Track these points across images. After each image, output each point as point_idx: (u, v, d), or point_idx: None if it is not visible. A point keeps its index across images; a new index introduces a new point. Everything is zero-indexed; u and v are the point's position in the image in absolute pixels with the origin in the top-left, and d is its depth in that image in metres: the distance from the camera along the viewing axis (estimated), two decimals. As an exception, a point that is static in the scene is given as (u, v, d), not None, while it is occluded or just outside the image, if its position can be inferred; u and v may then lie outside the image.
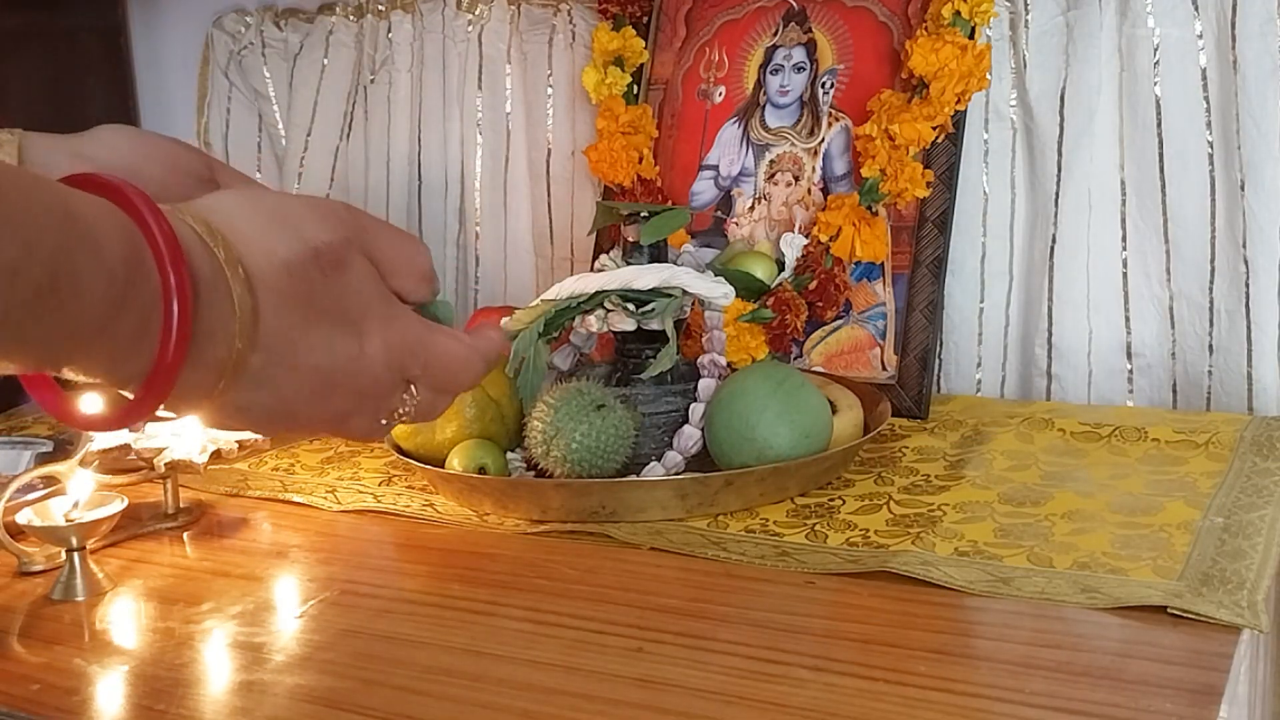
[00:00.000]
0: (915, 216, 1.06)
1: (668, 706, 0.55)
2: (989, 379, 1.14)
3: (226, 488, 0.93)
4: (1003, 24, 1.09)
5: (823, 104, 1.13)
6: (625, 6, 1.22)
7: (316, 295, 0.45)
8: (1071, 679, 0.55)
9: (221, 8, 1.51)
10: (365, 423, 0.50)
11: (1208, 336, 1.04)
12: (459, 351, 0.52)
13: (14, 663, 0.64)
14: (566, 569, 0.74)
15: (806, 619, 0.65)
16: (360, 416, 0.50)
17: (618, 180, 1.19)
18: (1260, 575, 0.65)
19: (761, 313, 1.05)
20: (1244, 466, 0.84)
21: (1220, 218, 1.03)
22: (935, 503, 0.81)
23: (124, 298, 0.39)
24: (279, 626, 0.67)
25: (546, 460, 0.81)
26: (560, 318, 0.90)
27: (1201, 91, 1.02)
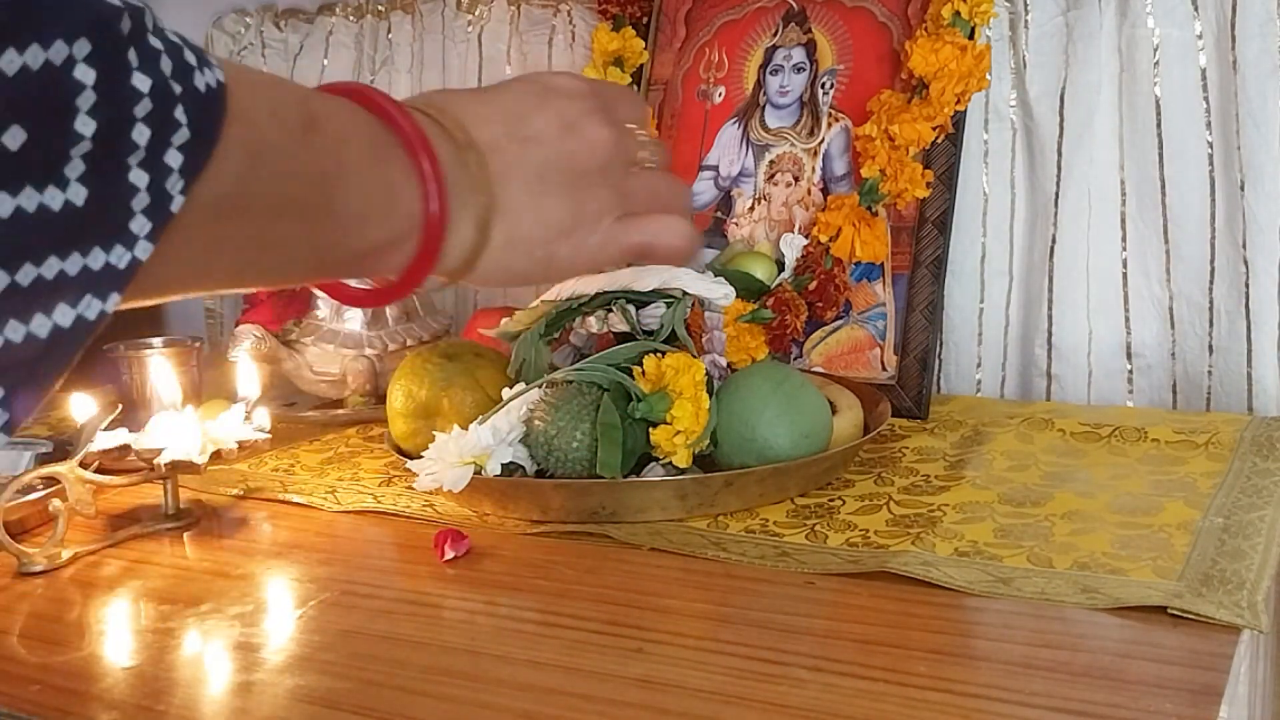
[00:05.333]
0: (915, 217, 1.06)
1: (668, 707, 0.55)
2: (989, 379, 1.14)
3: (226, 488, 0.93)
4: (1002, 24, 1.09)
5: (822, 104, 1.13)
6: (625, 7, 1.22)
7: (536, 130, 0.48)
8: (1071, 679, 0.55)
9: (221, 8, 1.51)
10: (608, 195, 0.50)
11: (1208, 337, 1.04)
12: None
13: (14, 663, 0.64)
14: (566, 569, 0.74)
15: (806, 619, 0.65)
16: (603, 188, 0.50)
17: (618, 180, 1.19)
18: (1260, 575, 0.65)
19: (761, 313, 1.05)
20: (1244, 467, 0.84)
21: (1220, 218, 1.03)
22: (935, 503, 0.81)
23: (375, 166, 0.41)
24: (279, 627, 0.67)
25: (547, 460, 0.81)
26: (561, 319, 0.90)
27: (1201, 91, 1.03)
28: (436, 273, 0.46)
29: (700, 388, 0.80)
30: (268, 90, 0.38)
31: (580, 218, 0.49)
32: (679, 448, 0.79)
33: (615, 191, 0.51)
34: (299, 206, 0.39)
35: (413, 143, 0.43)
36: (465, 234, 0.45)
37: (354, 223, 0.42)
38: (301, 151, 0.39)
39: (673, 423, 0.79)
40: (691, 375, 0.80)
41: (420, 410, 0.91)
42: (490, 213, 0.46)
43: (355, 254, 0.43)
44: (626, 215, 0.51)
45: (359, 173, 0.41)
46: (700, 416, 0.80)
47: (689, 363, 0.81)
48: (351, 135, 0.41)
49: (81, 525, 0.83)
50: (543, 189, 0.48)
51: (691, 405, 0.79)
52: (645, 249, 0.53)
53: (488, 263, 0.47)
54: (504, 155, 0.47)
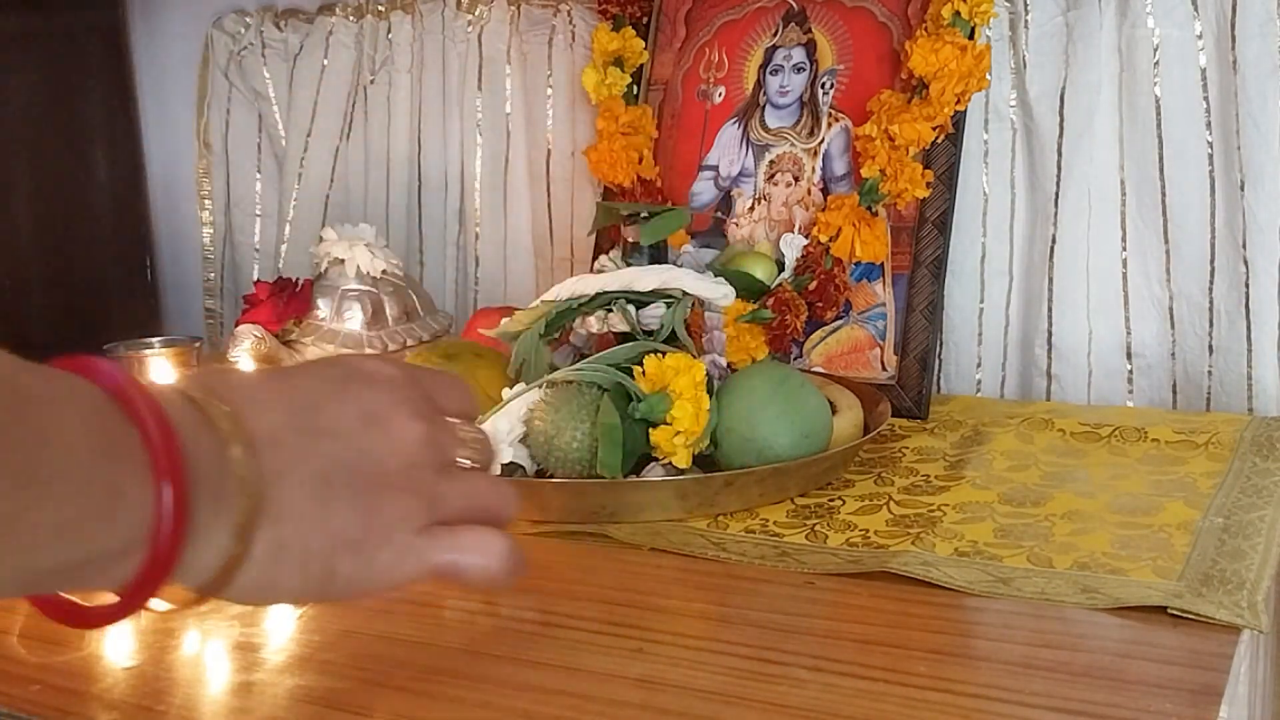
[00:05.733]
0: (915, 217, 1.06)
1: (668, 707, 0.55)
2: (989, 379, 1.14)
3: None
4: (1002, 24, 1.09)
5: (822, 104, 1.13)
6: (625, 7, 1.22)
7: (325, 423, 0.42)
8: (1071, 679, 0.55)
9: (221, 8, 1.51)
10: (410, 501, 0.43)
11: (1208, 337, 1.04)
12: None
13: (14, 663, 0.64)
14: (566, 569, 0.74)
15: (806, 619, 0.65)
16: (404, 493, 0.43)
17: (618, 181, 1.19)
18: (1260, 575, 0.65)
19: (761, 313, 1.05)
20: (1244, 467, 0.84)
21: (1220, 218, 1.03)
22: (935, 503, 0.81)
23: (100, 455, 0.35)
24: (279, 627, 0.67)
25: (547, 460, 0.81)
26: (560, 318, 0.90)
27: (1201, 91, 1.03)
28: (178, 587, 0.39)
29: (700, 388, 0.80)
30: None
31: (370, 528, 0.42)
32: (679, 448, 0.79)
33: (420, 497, 0.44)
34: (6, 508, 0.33)
35: (149, 436, 0.36)
36: (219, 543, 0.38)
37: (57, 534, 0.34)
38: (4, 441, 0.32)
39: (673, 423, 0.79)
40: (692, 376, 0.80)
41: (420, 410, 0.91)
42: (253, 519, 0.39)
43: (56, 569, 0.35)
44: (433, 526, 0.45)
45: (69, 471, 0.34)
46: (700, 417, 0.80)
47: (689, 363, 0.81)
48: (64, 425, 0.34)
49: (81, 525, 0.82)
50: (328, 491, 0.41)
51: (691, 406, 0.79)
52: (450, 569, 0.46)
53: (248, 577, 0.40)
54: (283, 450, 0.40)
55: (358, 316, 1.16)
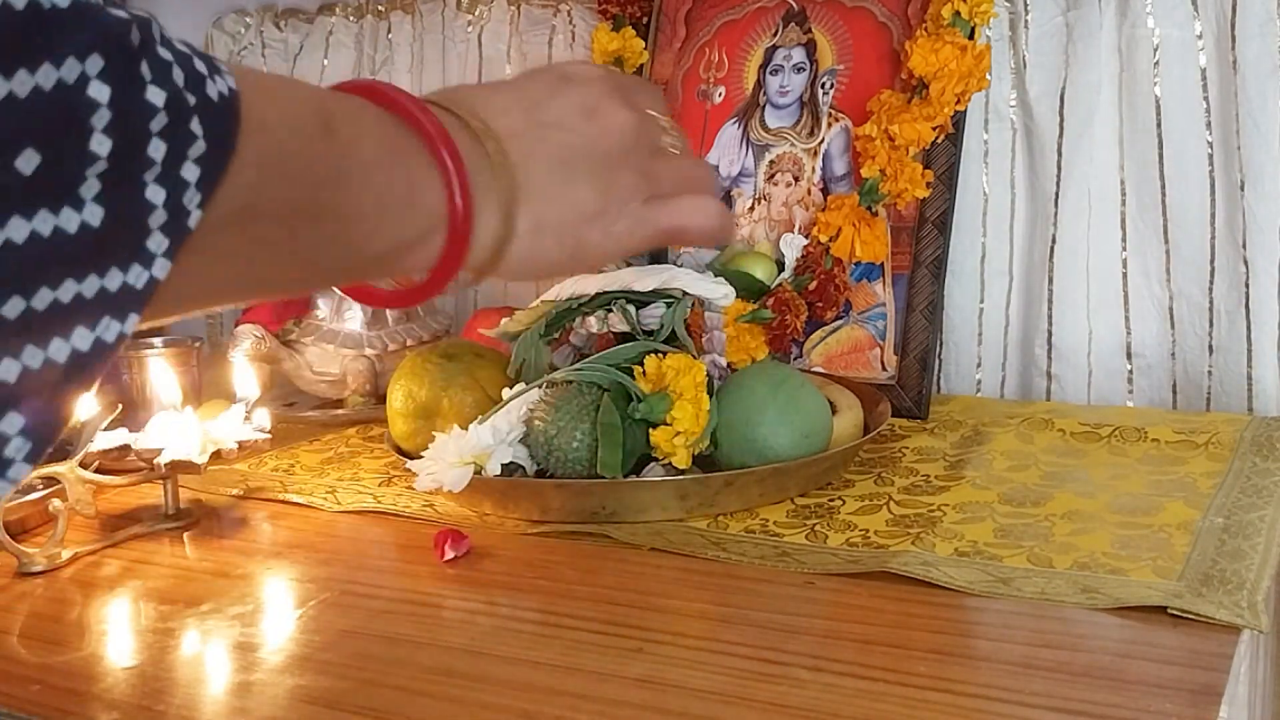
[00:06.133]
0: (915, 217, 1.06)
1: (668, 707, 0.55)
2: (989, 379, 1.14)
3: (226, 488, 0.93)
4: (1003, 24, 1.09)
5: (822, 104, 1.13)
6: (625, 7, 1.22)
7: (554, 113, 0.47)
8: (1071, 679, 0.55)
9: (221, 8, 1.51)
10: (634, 178, 0.49)
11: (1208, 336, 1.04)
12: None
13: (14, 663, 0.64)
14: (566, 569, 0.74)
15: (806, 619, 0.65)
16: (628, 171, 0.49)
17: (618, 180, 1.19)
18: (1260, 575, 0.65)
19: (761, 313, 1.05)
20: (1244, 467, 0.84)
21: (1220, 218, 1.03)
22: (935, 503, 0.81)
23: (394, 163, 0.40)
24: (279, 627, 0.67)
25: (547, 460, 0.81)
26: (561, 319, 0.90)
27: (1201, 91, 1.03)
28: (465, 267, 0.44)
29: (701, 389, 0.80)
30: (281, 95, 0.37)
31: (608, 201, 0.48)
32: (679, 449, 0.79)
33: (641, 174, 0.49)
34: (318, 212, 0.38)
35: (431, 136, 0.41)
36: (490, 225, 0.44)
37: (375, 224, 0.40)
38: (318, 156, 0.38)
39: (673, 424, 0.79)
40: (692, 377, 0.80)
41: (420, 410, 0.91)
42: (514, 200, 0.44)
43: (378, 255, 0.42)
44: (655, 198, 0.50)
45: (378, 172, 0.40)
46: (700, 418, 0.80)
47: (690, 364, 0.81)
48: (367, 134, 0.40)
49: (81, 525, 0.83)
50: (567, 173, 0.47)
51: (692, 407, 0.79)
52: (677, 231, 0.51)
53: (516, 253, 0.45)
54: (524, 141, 0.45)
55: (357, 316, 1.16)
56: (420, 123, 0.42)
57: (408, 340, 1.17)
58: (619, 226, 0.48)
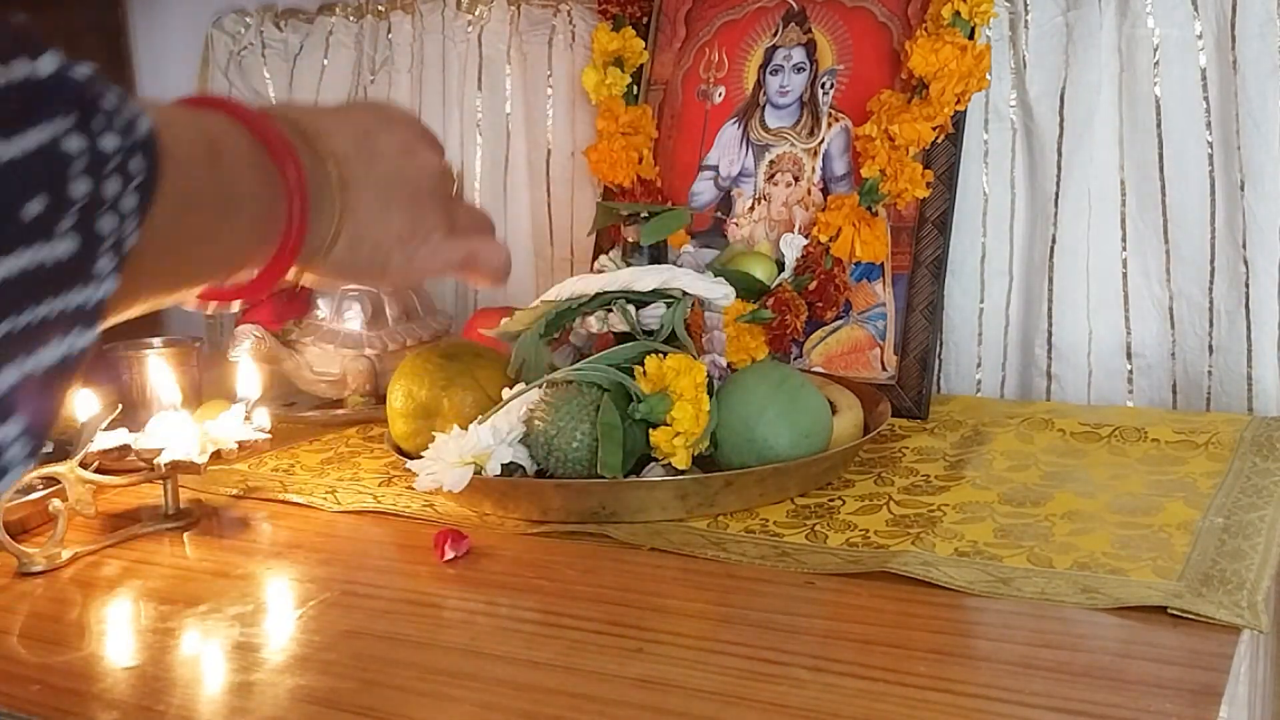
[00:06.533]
0: (915, 217, 1.06)
1: (668, 707, 0.55)
2: (989, 379, 1.14)
3: (226, 488, 0.93)
4: (1003, 24, 1.09)
5: (822, 104, 1.13)
6: (625, 7, 1.22)
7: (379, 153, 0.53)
8: (1071, 679, 0.55)
9: (221, 8, 1.51)
10: (437, 213, 0.55)
11: (1208, 336, 1.04)
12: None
13: (14, 663, 0.64)
14: (566, 569, 0.74)
15: (806, 619, 0.65)
16: (433, 207, 0.55)
17: (618, 180, 1.19)
18: (1260, 575, 0.65)
19: (761, 313, 1.05)
20: (1244, 467, 0.84)
21: (1220, 218, 1.03)
22: (935, 503, 0.81)
23: (260, 183, 0.46)
24: (279, 627, 0.67)
25: (547, 460, 0.81)
26: (561, 319, 0.90)
27: (1201, 91, 1.03)
28: (293, 263, 0.50)
29: (701, 390, 0.80)
30: (179, 126, 0.41)
31: (415, 229, 0.54)
32: (678, 449, 0.79)
33: (443, 212, 0.56)
34: (214, 231, 0.44)
35: (282, 155, 0.46)
36: (324, 230, 0.50)
37: (246, 235, 0.46)
38: (213, 180, 0.43)
39: (673, 424, 0.79)
40: (692, 377, 0.80)
41: (420, 410, 0.91)
42: (344, 214, 0.50)
43: (240, 260, 0.47)
44: (451, 234, 0.57)
45: (248, 188, 0.45)
46: (700, 419, 0.80)
47: (690, 364, 0.81)
48: (242, 159, 0.45)
49: (81, 525, 0.83)
50: (386, 200, 0.53)
51: (692, 407, 0.79)
52: (469, 261, 0.58)
53: (332, 260, 0.51)
54: (354, 165, 0.51)
55: (358, 316, 1.16)
56: (272, 142, 0.46)
57: (408, 340, 1.17)
58: (420, 252, 0.55)
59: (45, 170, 0.33)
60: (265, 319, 1.12)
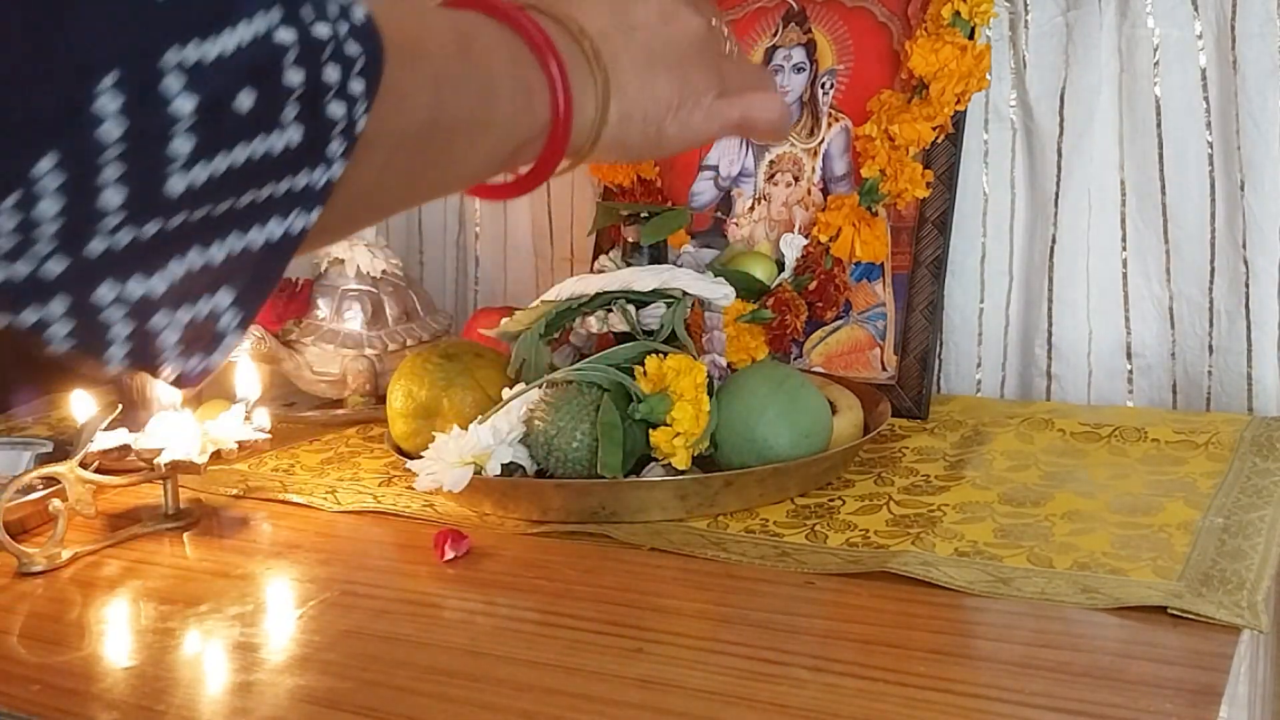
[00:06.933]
0: (915, 217, 1.06)
1: (668, 707, 0.55)
2: (989, 379, 1.14)
3: (226, 488, 0.93)
4: (1003, 24, 1.09)
5: (822, 104, 1.13)
6: (625, 7, 1.22)
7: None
8: (1071, 679, 0.55)
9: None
10: (707, 75, 0.54)
11: (1208, 337, 1.04)
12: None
13: (14, 663, 0.64)
14: (566, 569, 0.74)
15: (806, 619, 0.65)
16: (702, 69, 0.54)
17: (617, 180, 1.19)
18: (1260, 575, 0.65)
19: (761, 313, 1.05)
20: (1244, 467, 0.84)
21: (1220, 218, 1.03)
22: (935, 503, 0.81)
23: (516, 73, 0.46)
24: (279, 627, 0.67)
25: (547, 460, 0.81)
26: (561, 319, 0.90)
27: (1201, 91, 1.03)
28: (571, 151, 0.50)
29: (701, 390, 0.80)
30: (426, 21, 0.43)
31: (685, 95, 0.53)
32: (678, 449, 0.79)
33: (713, 72, 0.55)
34: (469, 123, 0.44)
35: (540, 45, 0.46)
36: (587, 115, 0.49)
37: (507, 128, 0.46)
38: (464, 72, 0.43)
39: (673, 424, 0.79)
40: (693, 377, 0.80)
41: (420, 410, 0.91)
42: (607, 93, 0.50)
43: (506, 156, 0.47)
44: (724, 93, 0.55)
45: (506, 82, 0.45)
46: (700, 419, 0.80)
47: (690, 365, 0.81)
48: (495, 50, 0.45)
49: (81, 525, 0.83)
50: (650, 70, 0.52)
51: (692, 408, 0.79)
52: (744, 122, 0.57)
53: (606, 139, 0.50)
54: (613, 42, 0.51)
55: (358, 316, 1.16)
56: (529, 32, 0.47)
57: (408, 340, 1.17)
58: (694, 118, 0.54)
59: (256, 64, 0.33)
60: (265, 319, 1.12)
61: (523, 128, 0.47)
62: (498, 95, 0.45)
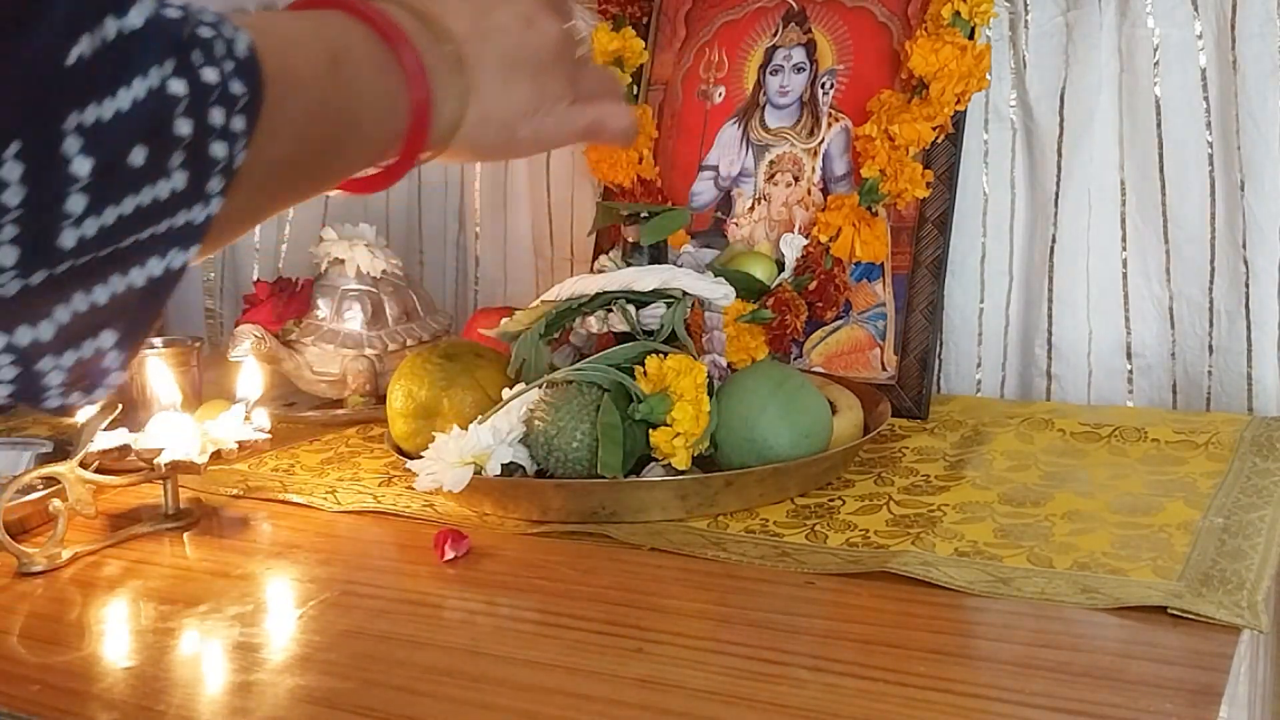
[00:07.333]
0: (915, 217, 1.06)
1: (668, 707, 0.55)
2: (989, 379, 1.14)
3: (226, 488, 0.93)
4: (1003, 24, 1.09)
5: (822, 104, 1.13)
6: (625, 7, 1.22)
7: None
8: (1071, 679, 0.55)
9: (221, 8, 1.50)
10: (561, 82, 0.56)
11: (1208, 337, 1.04)
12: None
13: (14, 663, 0.64)
14: (566, 569, 0.74)
15: (806, 619, 0.65)
16: (557, 76, 0.56)
17: (618, 180, 1.19)
18: (1260, 575, 0.65)
19: (761, 313, 1.05)
20: (1244, 467, 0.84)
21: (1220, 218, 1.03)
22: (935, 503, 0.81)
23: (382, 79, 0.47)
24: (279, 627, 0.67)
25: (547, 460, 0.81)
26: (561, 319, 0.90)
27: (1201, 91, 1.03)
28: (429, 148, 0.51)
29: (701, 390, 0.80)
30: (300, 42, 0.44)
31: (540, 101, 0.55)
32: (678, 450, 0.79)
33: (567, 80, 0.56)
34: (339, 138, 0.45)
35: (403, 51, 0.47)
36: (445, 117, 0.51)
37: (373, 134, 0.48)
38: (335, 93, 0.44)
39: (673, 425, 0.79)
40: (693, 378, 0.80)
41: (420, 410, 0.91)
42: (467, 93, 0.51)
43: (371, 156, 0.49)
44: (576, 100, 0.57)
45: (373, 93, 0.47)
46: (700, 419, 0.80)
47: (691, 365, 0.81)
48: (363, 60, 0.46)
49: (81, 525, 0.83)
50: (508, 75, 0.53)
51: (692, 408, 0.79)
52: (594, 128, 0.59)
53: (461, 139, 0.52)
54: (475, 45, 0.52)
55: (358, 316, 1.16)
56: (394, 39, 0.47)
57: (408, 340, 1.17)
58: (547, 123, 0.56)
59: (150, 120, 0.34)
60: (265, 319, 1.12)
61: (388, 131, 0.48)
62: (365, 108, 0.46)
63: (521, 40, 0.54)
